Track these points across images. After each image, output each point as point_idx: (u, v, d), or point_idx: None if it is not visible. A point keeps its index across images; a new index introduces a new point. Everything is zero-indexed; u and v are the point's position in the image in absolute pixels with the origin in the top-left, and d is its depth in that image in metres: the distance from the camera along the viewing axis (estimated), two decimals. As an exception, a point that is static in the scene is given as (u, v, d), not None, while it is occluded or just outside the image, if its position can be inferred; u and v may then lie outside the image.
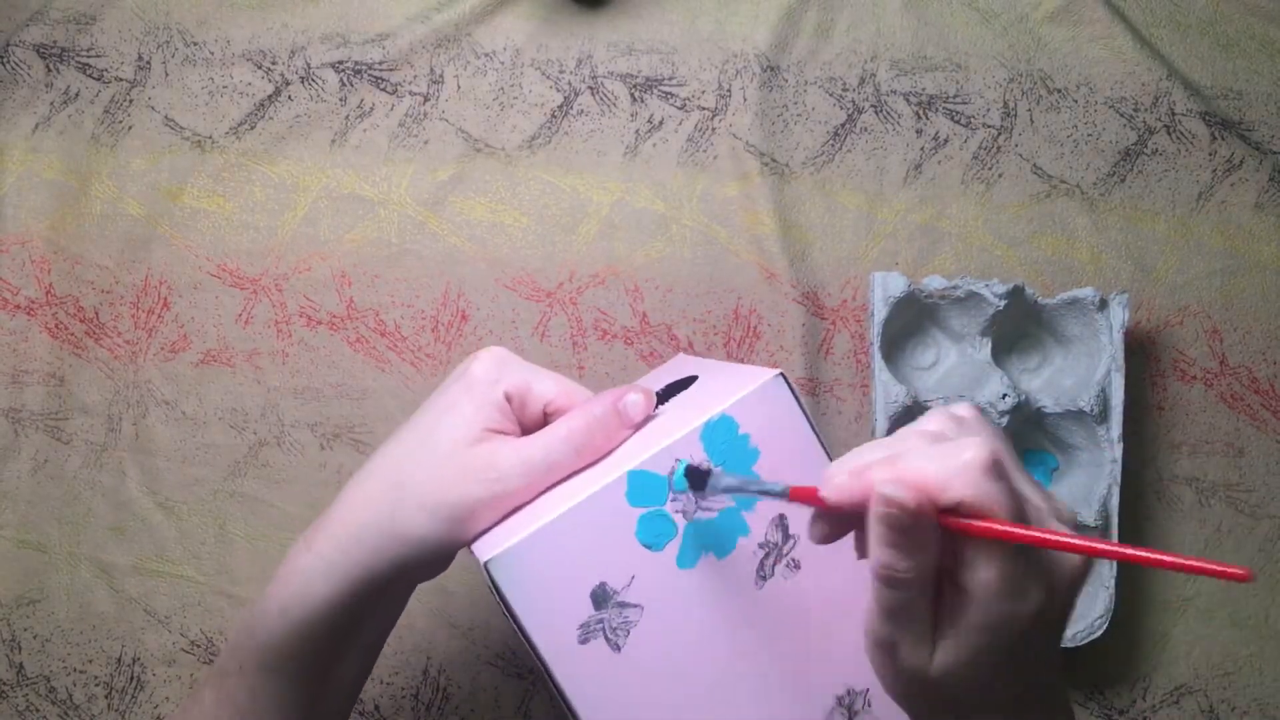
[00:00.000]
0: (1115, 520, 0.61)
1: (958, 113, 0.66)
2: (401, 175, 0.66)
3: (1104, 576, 0.61)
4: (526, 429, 0.46)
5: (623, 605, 0.43)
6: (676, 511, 0.43)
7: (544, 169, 0.66)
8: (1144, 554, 0.34)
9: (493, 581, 0.41)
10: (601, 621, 0.43)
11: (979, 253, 0.66)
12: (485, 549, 0.42)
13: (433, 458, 0.44)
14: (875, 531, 0.36)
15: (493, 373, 0.46)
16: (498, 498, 0.43)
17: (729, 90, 0.66)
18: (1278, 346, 0.66)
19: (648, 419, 0.46)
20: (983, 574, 0.36)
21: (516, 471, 0.43)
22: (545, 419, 0.46)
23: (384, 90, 0.66)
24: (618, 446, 0.45)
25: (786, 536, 0.45)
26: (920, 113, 0.66)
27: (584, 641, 0.42)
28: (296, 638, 0.45)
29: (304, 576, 0.45)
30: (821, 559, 0.45)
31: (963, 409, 0.40)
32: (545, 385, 0.46)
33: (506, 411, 0.45)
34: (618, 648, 0.43)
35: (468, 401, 0.45)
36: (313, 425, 0.65)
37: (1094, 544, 0.35)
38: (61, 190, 0.65)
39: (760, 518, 0.45)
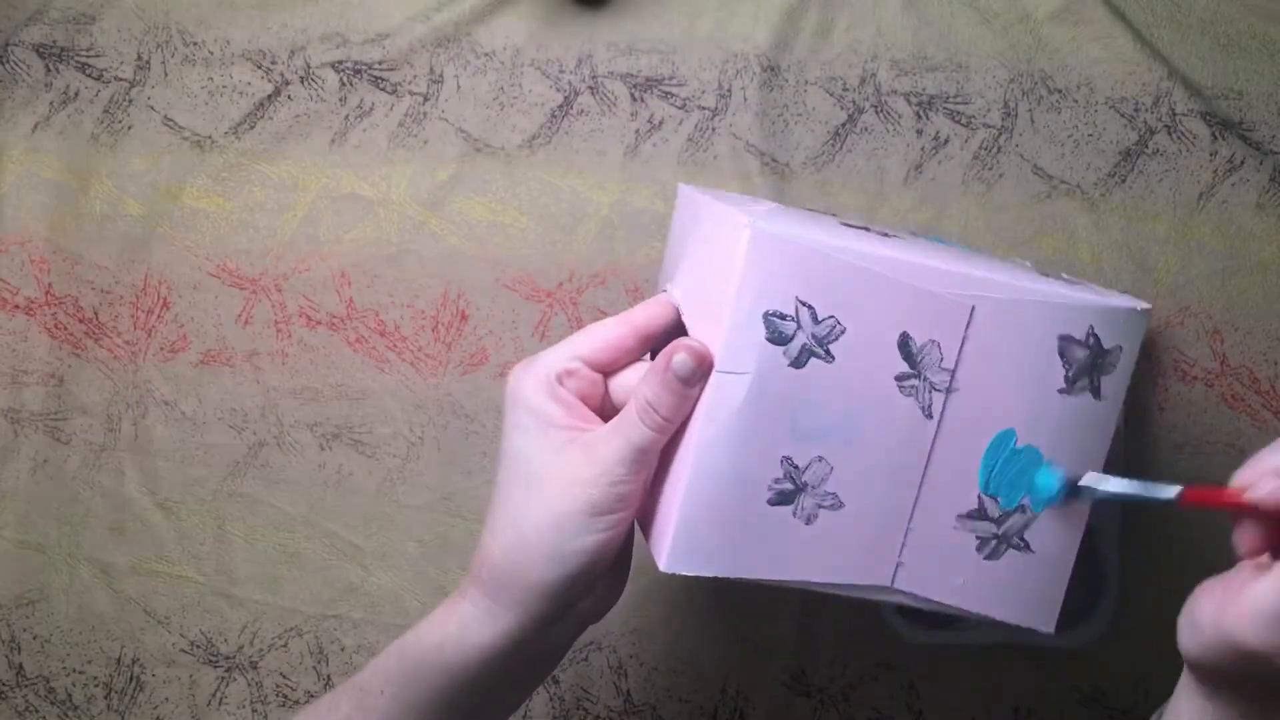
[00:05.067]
0: (1116, 521, 0.60)
1: (958, 113, 0.66)
2: (401, 175, 0.66)
3: (1105, 578, 0.60)
4: (597, 397, 0.46)
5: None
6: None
7: (544, 169, 0.66)
8: None
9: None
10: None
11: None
12: (659, 556, 0.44)
13: (528, 484, 0.44)
14: None
15: (526, 382, 0.45)
16: (600, 500, 0.43)
17: (729, 90, 0.66)
18: (1278, 347, 0.66)
19: (707, 365, 0.43)
20: None
21: (607, 464, 0.43)
22: (602, 375, 0.46)
23: (384, 90, 0.66)
24: (698, 397, 0.43)
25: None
26: (921, 113, 0.66)
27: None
28: (447, 678, 0.45)
29: (461, 620, 0.45)
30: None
31: None
32: (561, 355, 0.45)
33: (568, 403, 0.45)
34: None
35: (529, 419, 0.45)
36: (312, 425, 0.65)
37: None
38: (61, 190, 0.65)
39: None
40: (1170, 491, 0.39)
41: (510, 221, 0.66)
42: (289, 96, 0.66)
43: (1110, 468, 0.60)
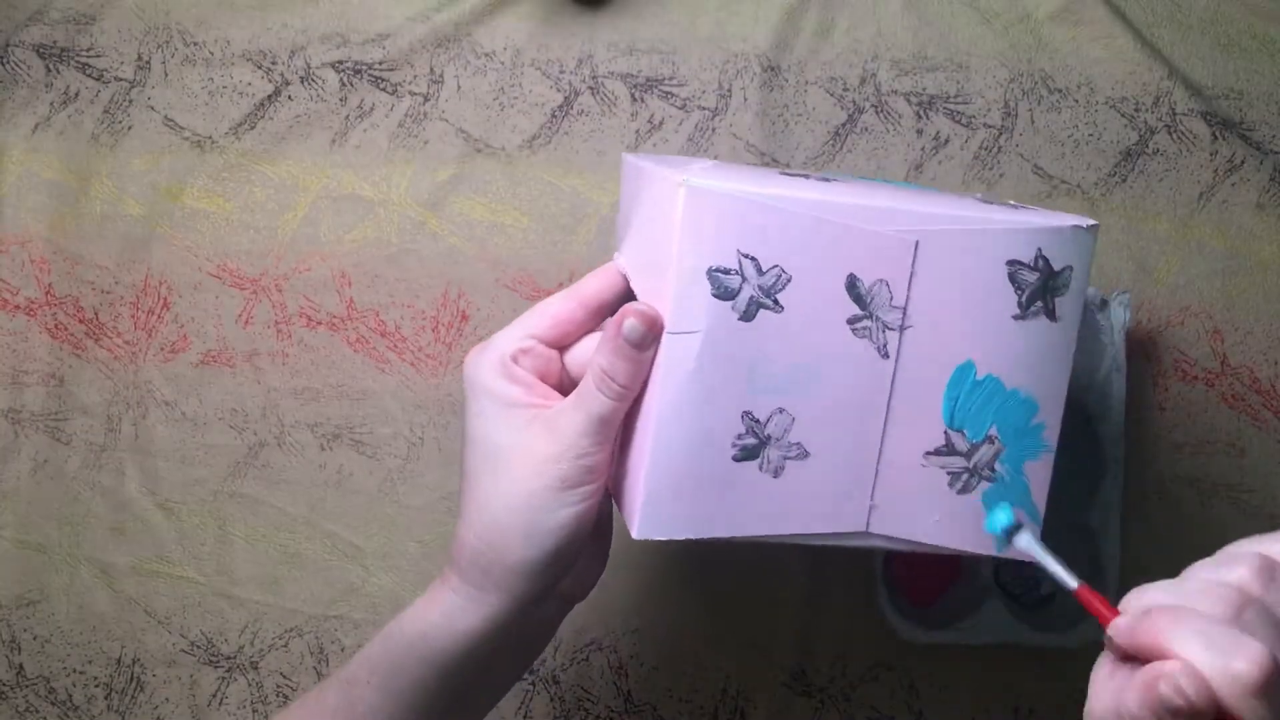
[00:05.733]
0: (1117, 521, 0.60)
1: (958, 113, 0.66)
2: (401, 175, 0.66)
3: (1105, 578, 0.61)
4: (559, 370, 0.47)
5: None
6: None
7: (544, 169, 0.66)
8: None
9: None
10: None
11: (980, 253, 0.65)
12: (631, 524, 0.44)
13: (494, 469, 0.44)
14: (1149, 707, 0.34)
15: (482, 366, 0.45)
16: (568, 476, 0.43)
17: (729, 90, 0.66)
18: (1279, 347, 0.66)
19: (657, 327, 0.43)
20: None
21: (570, 438, 0.43)
22: (559, 351, 0.47)
23: (384, 90, 0.66)
24: (652, 360, 0.43)
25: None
26: (921, 113, 0.66)
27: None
28: (431, 665, 0.45)
29: (444, 608, 0.45)
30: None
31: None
32: (513, 336, 0.46)
33: (526, 383, 0.45)
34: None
35: (489, 403, 0.45)
36: (313, 426, 0.65)
37: None
38: (61, 190, 0.65)
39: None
40: (1073, 582, 0.39)
41: (510, 222, 0.66)
42: (289, 97, 0.66)
43: (1109, 467, 0.61)
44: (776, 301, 0.43)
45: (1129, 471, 0.62)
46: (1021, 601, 0.62)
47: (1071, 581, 0.39)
